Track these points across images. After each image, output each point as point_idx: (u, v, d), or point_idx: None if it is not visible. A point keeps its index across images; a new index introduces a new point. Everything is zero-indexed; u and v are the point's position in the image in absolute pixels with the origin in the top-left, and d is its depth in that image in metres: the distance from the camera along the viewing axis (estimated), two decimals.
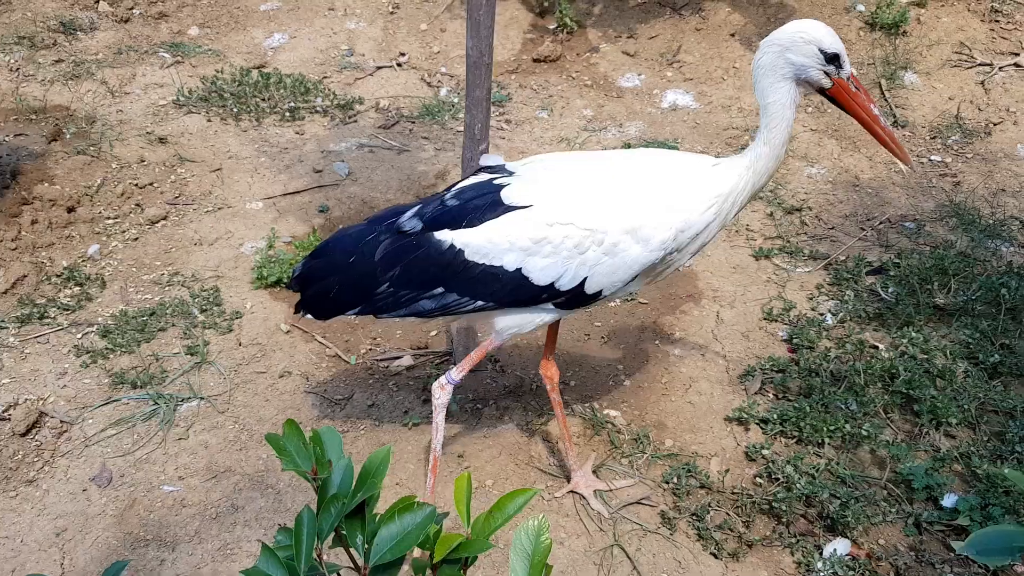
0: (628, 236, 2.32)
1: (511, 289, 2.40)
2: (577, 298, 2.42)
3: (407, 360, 3.48)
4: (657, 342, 3.59)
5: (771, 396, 3.31)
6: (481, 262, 2.39)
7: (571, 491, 2.87)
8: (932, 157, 4.91)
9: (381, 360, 3.51)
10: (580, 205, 2.35)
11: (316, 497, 1.27)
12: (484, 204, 2.41)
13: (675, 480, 2.90)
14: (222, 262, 4.16)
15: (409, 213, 2.52)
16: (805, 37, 2.25)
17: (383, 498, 1.49)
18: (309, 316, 2.67)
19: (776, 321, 3.69)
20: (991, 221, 4.28)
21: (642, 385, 3.36)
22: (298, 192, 4.66)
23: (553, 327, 2.70)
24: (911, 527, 2.82)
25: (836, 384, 3.32)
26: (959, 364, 3.42)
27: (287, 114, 5.30)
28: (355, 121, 5.33)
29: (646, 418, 3.21)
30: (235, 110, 5.31)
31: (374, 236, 2.53)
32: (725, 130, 5.21)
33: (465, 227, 2.40)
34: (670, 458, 3.02)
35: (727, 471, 2.96)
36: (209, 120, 5.22)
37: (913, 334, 3.46)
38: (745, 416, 3.16)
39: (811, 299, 3.84)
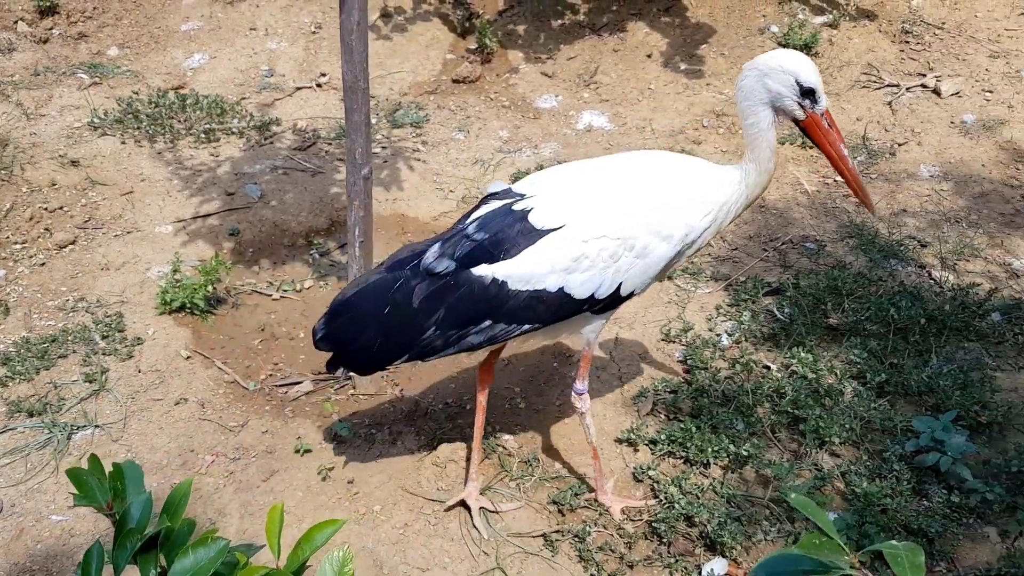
0: (655, 237, 2.46)
1: (556, 308, 2.50)
2: (613, 302, 2.56)
3: (307, 386, 3.48)
4: (556, 364, 3.63)
5: (663, 417, 3.36)
6: (525, 289, 2.46)
7: (459, 501, 2.90)
8: (837, 178, 5.04)
9: (281, 386, 3.51)
10: (608, 217, 2.44)
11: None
12: (515, 232, 2.46)
13: (560, 502, 2.93)
14: (128, 287, 4.13)
15: (433, 253, 2.54)
16: (784, 67, 2.35)
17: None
18: (352, 374, 2.71)
19: (674, 342, 3.76)
20: (889, 241, 4.40)
21: (537, 408, 3.40)
22: (209, 215, 4.64)
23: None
24: (790, 546, 2.88)
25: (726, 405, 3.39)
26: (847, 383, 3.52)
27: (202, 136, 5.27)
28: (271, 142, 5.32)
29: (538, 441, 3.24)
30: (150, 132, 5.27)
31: (403, 283, 2.54)
32: (637, 151, 5.28)
33: (503, 259, 2.45)
34: (558, 480, 3.06)
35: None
36: (123, 142, 5.17)
37: (803, 354, 3.55)
38: (634, 437, 3.21)
39: (709, 320, 3.92)
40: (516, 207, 2.50)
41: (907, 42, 6.23)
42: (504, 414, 3.38)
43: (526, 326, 2.54)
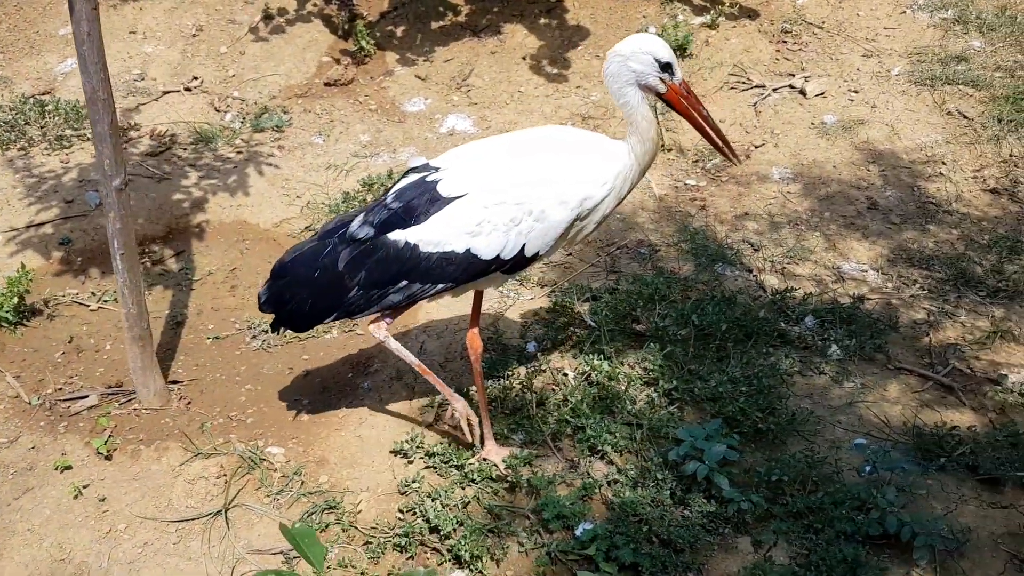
0: (552, 202, 2.70)
1: (464, 268, 2.76)
2: (519, 263, 2.80)
3: (92, 400, 3.45)
4: (351, 375, 3.61)
5: (447, 427, 3.34)
6: (435, 251, 2.72)
7: (484, 457, 3.11)
8: (687, 181, 5.03)
9: (65, 400, 3.46)
10: (508, 185, 2.70)
11: None
12: (425, 200, 2.74)
13: (311, 518, 2.90)
14: None
15: (357, 222, 2.82)
16: (642, 48, 2.65)
17: None
18: (289, 331, 3.00)
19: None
20: (720, 245, 4.39)
21: (319, 420, 3.38)
22: (43, 224, 4.59)
23: (477, 300, 3.08)
24: (544, 557, 2.87)
25: (514, 414, 3.37)
26: (641, 390, 3.50)
27: (55, 142, 5.21)
28: (125, 148, 5.25)
29: (310, 453, 3.22)
30: (4, 139, 5.21)
31: (331, 249, 2.82)
32: None
33: (414, 224, 2.73)
34: (316, 495, 3.03)
35: (360, 509, 2.97)
36: None
37: (596, 361, 3.53)
38: (408, 449, 3.18)
39: (524, 326, 3.90)
40: (428, 179, 2.77)
41: (784, 42, 6.22)
42: (284, 425, 3.35)
43: (440, 285, 2.80)
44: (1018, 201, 4.70)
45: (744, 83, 5.81)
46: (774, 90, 5.71)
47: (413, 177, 2.85)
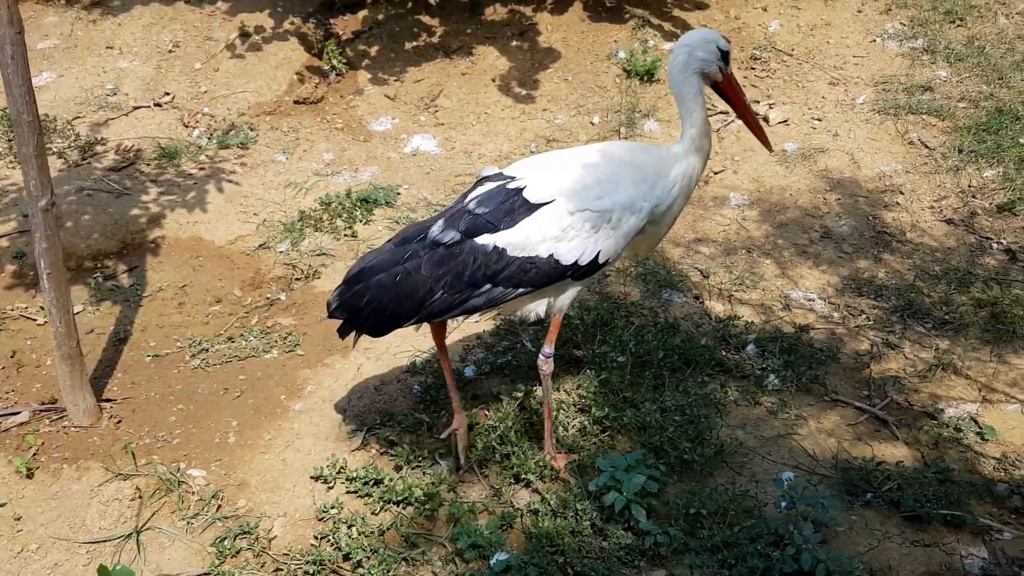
0: (627, 211, 2.84)
1: (545, 273, 2.84)
2: (590, 269, 2.90)
3: (23, 417, 3.45)
4: (283, 397, 3.60)
5: (374, 452, 3.33)
6: (521, 255, 2.81)
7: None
8: None
9: None
10: (591, 193, 2.81)
11: None
12: (513, 206, 2.82)
13: (222, 543, 2.89)
14: None
15: (438, 228, 2.88)
16: (707, 38, 2.88)
17: None
18: (365, 336, 3.02)
19: (419, 374, 3.73)
20: (670, 271, 4.38)
21: (246, 442, 3.37)
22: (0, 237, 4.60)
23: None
24: None
25: (443, 440, 3.36)
26: (574, 417, 3.49)
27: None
28: (88, 163, 5.29)
29: (232, 476, 3.21)
30: None
31: (412, 254, 2.87)
32: (457, 176, 5.28)
33: (504, 229, 2.80)
34: (232, 520, 3.02)
35: (275, 534, 2.96)
36: None
37: (529, 387, 3.52)
38: (330, 474, 3.17)
39: (466, 349, 3.89)
40: (510, 186, 2.86)
41: (753, 68, 6.24)
42: (209, 447, 3.35)
43: (520, 289, 2.86)
44: (974, 232, 4.69)
45: (709, 109, 5.79)
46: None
47: (490, 185, 2.92)
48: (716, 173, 5.25)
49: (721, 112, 5.75)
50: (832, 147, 5.35)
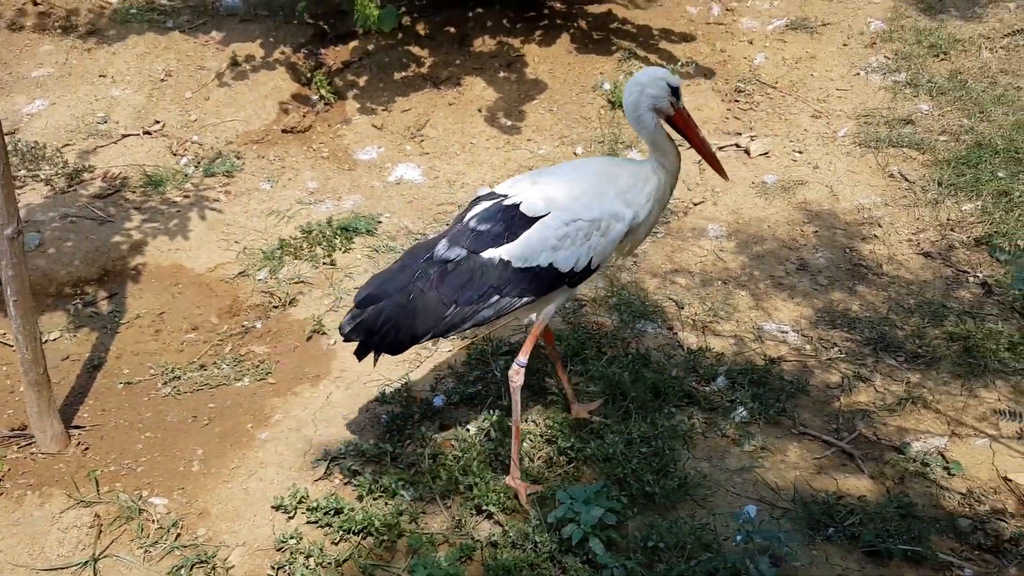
0: (613, 219, 3.04)
1: (546, 281, 3.03)
2: (584, 275, 3.11)
3: None
4: (251, 425, 3.62)
5: (337, 482, 3.33)
6: (523, 266, 2.99)
7: (575, 416, 3.55)
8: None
9: None
10: (580, 206, 3.01)
11: None
12: (514, 221, 3.00)
13: (179, 572, 2.90)
14: None
15: (443, 247, 3.05)
16: (657, 75, 3.05)
17: None
18: (383, 355, 3.14)
19: (388, 403, 3.75)
20: (645, 302, 4.40)
21: (210, 471, 3.38)
22: None
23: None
24: None
25: (408, 469, 3.37)
26: (541, 447, 3.49)
27: None
28: (75, 190, 5.35)
29: (193, 505, 3.22)
30: None
31: (420, 272, 3.03)
32: (439, 205, 5.32)
33: (507, 243, 2.98)
34: (191, 548, 3.03)
35: (232, 564, 2.96)
36: None
37: (496, 417, 3.53)
38: (291, 504, 3.18)
39: (437, 379, 3.91)
40: (506, 203, 3.04)
41: (737, 101, 6.29)
42: (173, 475, 3.36)
43: (524, 298, 3.05)
44: (951, 265, 4.70)
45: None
46: (720, 148, 5.76)
47: (487, 203, 3.09)
48: (696, 204, 5.27)
49: None
50: (812, 179, 5.38)
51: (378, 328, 3.02)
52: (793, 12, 7.19)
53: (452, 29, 7.04)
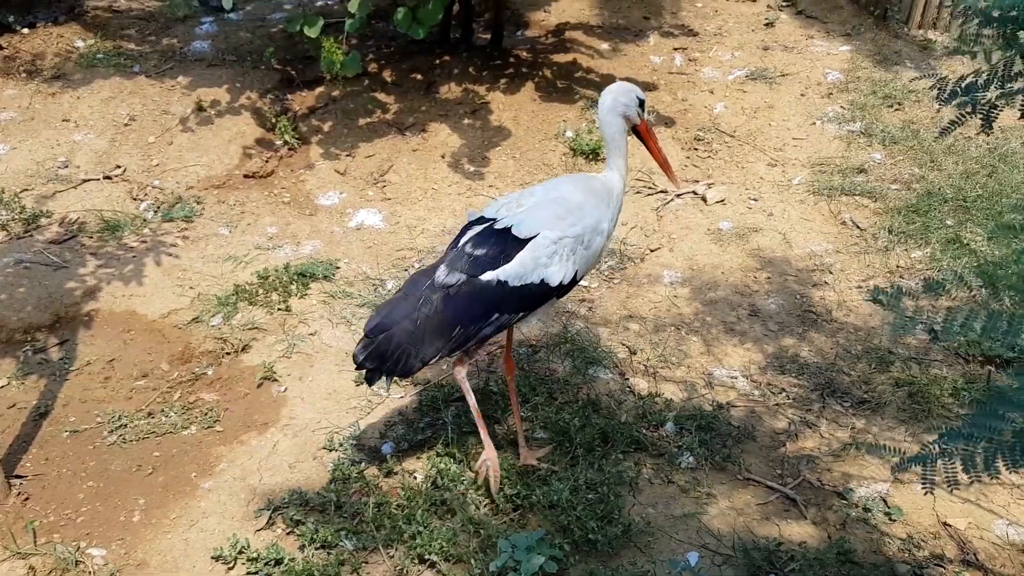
0: (594, 233, 3.30)
1: (539, 296, 3.26)
2: (569, 287, 3.35)
3: None
4: (195, 475, 3.59)
5: (279, 532, 3.31)
6: (518, 284, 3.20)
7: (524, 463, 3.61)
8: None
9: None
10: (566, 223, 3.25)
11: None
12: (506, 244, 3.21)
13: None
14: None
15: (443, 273, 3.25)
16: (628, 88, 3.36)
17: None
18: (396, 379, 3.48)
19: (335, 451, 3.74)
20: (597, 348, 4.43)
21: (151, 521, 3.35)
22: None
23: (510, 333, 3.57)
24: None
25: (352, 518, 3.35)
26: (486, 496, 3.49)
27: None
28: (31, 235, 5.34)
29: (132, 556, 3.18)
30: None
31: (424, 299, 3.22)
32: (399, 251, 5.35)
33: (503, 264, 3.18)
34: None
35: None
36: None
37: (443, 464, 3.53)
38: (231, 554, 3.15)
39: (387, 426, 3.90)
40: (497, 227, 3.25)
41: (696, 149, 6.40)
42: (113, 526, 3.33)
43: (520, 313, 3.29)
44: (898, 312, 4.76)
45: (650, 188, 5.96)
46: (677, 196, 5.85)
47: (478, 229, 3.30)
48: (653, 251, 5.34)
49: (661, 191, 5.88)
50: (766, 226, 5.46)
51: (390, 354, 3.19)
52: (753, 63, 7.35)
53: (419, 76, 7.14)
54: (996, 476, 2.00)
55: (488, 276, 3.21)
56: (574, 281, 3.37)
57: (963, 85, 2.42)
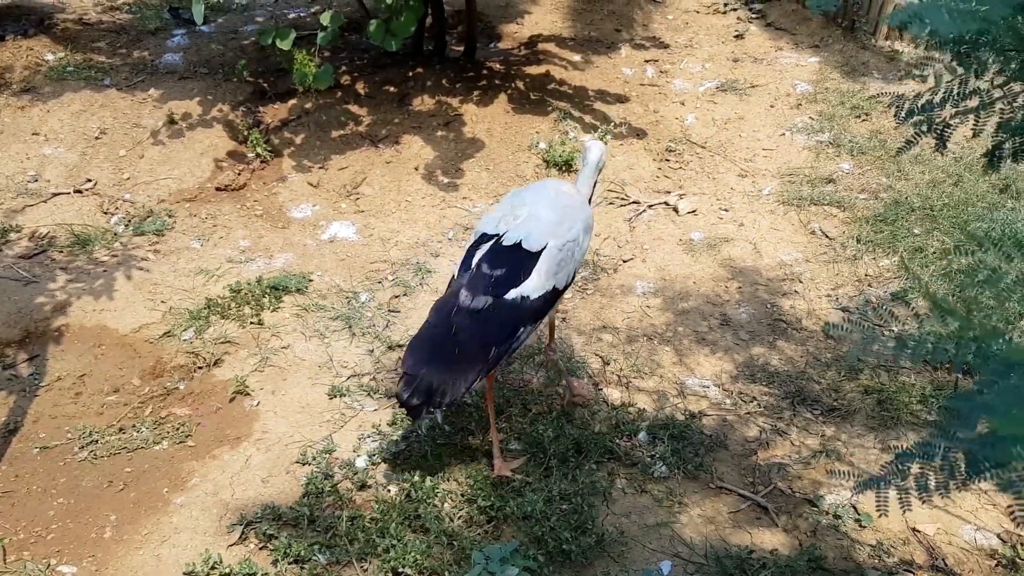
0: (585, 233, 3.54)
1: (551, 303, 3.44)
2: (565, 289, 3.52)
3: None
4: (167, 490, 3.57)
5: (252, 547, 3.29)
6: (537, 295, 3.33)
7: (498, 475, 3.62)
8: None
9: None
10: (564, 229, 3.42)
11: None
12: (521, 259, 3.34)
13: None
14: None
15: (466, 297, 3.31)
16: (601, 147, 3.77)
17: None
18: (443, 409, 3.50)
19: (308, 464, 3.72)
20: (570, 359, 4.45)
21: (122, 537, 3.32)
22: None
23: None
24: None
25: (325, 533, 3.34)
26: (462, 507, 3.49)
27: None
28: (0, 250, 5.28)
29: (103, 573, 3.16)
30: None
31: (455, 328, 3.27)
32: (372, 263, 5.35)
33: (524, 280, 3.32)
34: None
35: None
36: None
37: (417, 477, 3.53)
38: (203, 570, 3.13)
39: (360, 439, 3.90)
40: (506, 243, 3.38)
41: (667, 160, 6.46)
42: (84, 543, 3.29)
43: (540, 321, 3.43)
44: (868, 319, 4.83)
45: (623, 199, 6.00)
46: (649, 206, 5.90)
47: (486, 246, 3.40)
48: (625, 262, 5.38)
49: (633, 202, 5.93)
50: (737, 236, 5.52)
51: (436, 387, 3.22)
52: (724, 74, 7.44)
53: (392, 88, 7.15)
54: (947, 496, 2.03)
55: (513, 294, 3.31)
56: (567, 285, 3.54)
57: (920, 104, 2.47)
